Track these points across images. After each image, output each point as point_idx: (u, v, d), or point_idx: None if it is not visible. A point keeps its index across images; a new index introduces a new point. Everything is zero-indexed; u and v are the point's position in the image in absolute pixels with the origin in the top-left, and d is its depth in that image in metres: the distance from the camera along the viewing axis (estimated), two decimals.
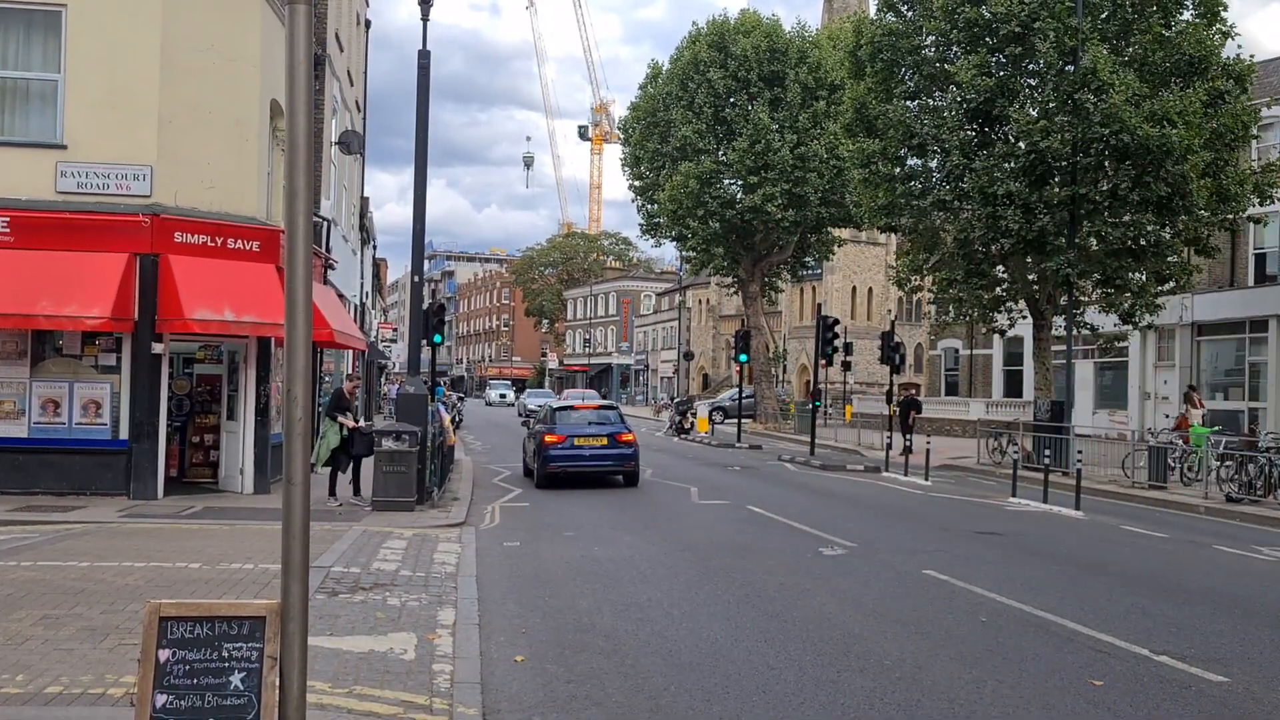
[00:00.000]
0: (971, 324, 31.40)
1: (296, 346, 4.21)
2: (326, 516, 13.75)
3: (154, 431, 14.83)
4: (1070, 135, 21.98)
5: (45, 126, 14.88)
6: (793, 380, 69.62)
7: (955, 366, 46.54)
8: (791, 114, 38.94)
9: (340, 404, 15.86)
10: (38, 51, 14.96)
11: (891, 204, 26.27)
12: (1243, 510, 16.81)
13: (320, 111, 20.76)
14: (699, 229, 39.83)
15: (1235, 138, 23.09)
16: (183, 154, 14.85)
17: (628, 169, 44.76)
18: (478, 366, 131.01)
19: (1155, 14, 23.24)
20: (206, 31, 15.14)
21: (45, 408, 14.77)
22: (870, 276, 71.25)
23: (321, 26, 20.99)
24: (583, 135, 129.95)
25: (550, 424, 20.36)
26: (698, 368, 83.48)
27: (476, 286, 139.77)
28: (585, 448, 19.68)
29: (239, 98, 15.40)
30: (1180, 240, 23.79)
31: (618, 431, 20.08)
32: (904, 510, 17.04)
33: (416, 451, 15.04)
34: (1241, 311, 30.15)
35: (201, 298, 14.45)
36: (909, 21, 25.82)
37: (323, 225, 20.95)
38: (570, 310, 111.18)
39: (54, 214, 14.44)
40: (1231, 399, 30.93)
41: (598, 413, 21.50)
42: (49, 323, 14.20)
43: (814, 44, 40.65)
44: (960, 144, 23.83)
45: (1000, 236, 23.47)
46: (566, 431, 19.90)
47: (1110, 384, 36.03)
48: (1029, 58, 23.71)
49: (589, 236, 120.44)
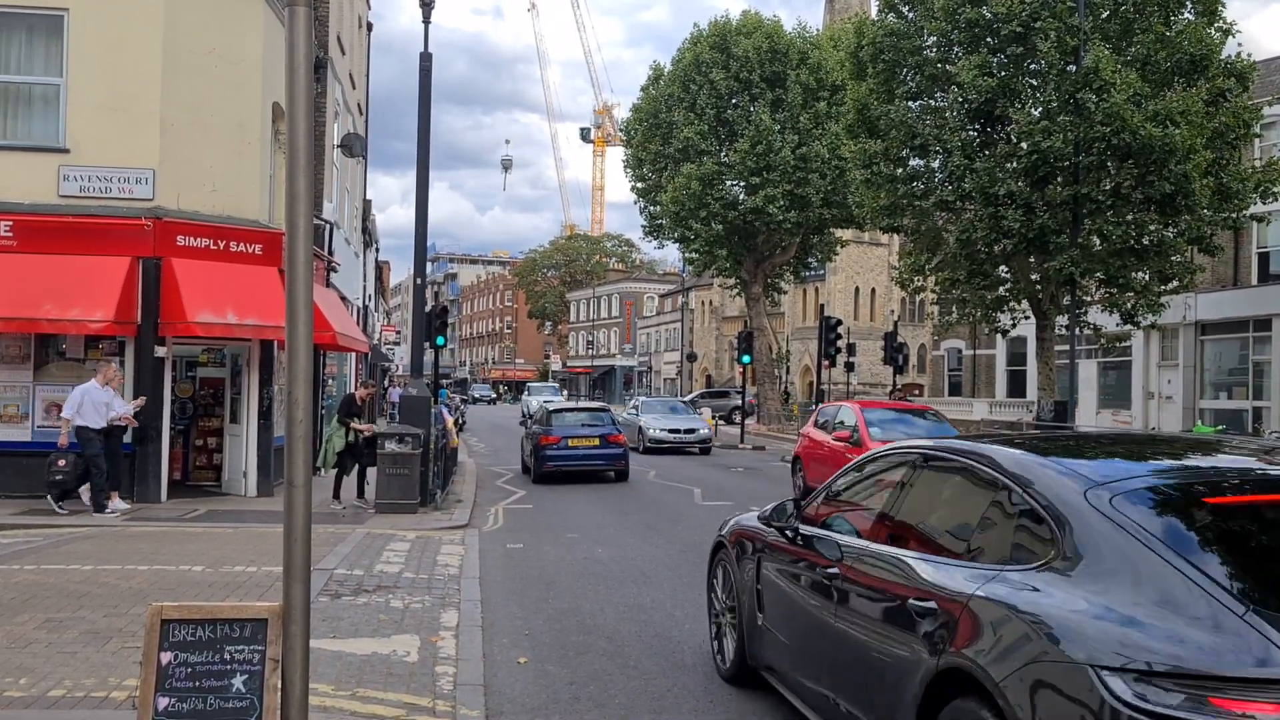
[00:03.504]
0: (974, 324, 31.32)
1: (298, 349, 4.22)
2: (330, 519, 13.76)
3: (157, 434, 14.84)
4: (1072, 135, 21.95)
5: (48, 130, 14.88)
6: (796, 381, 69.61)
7: (958, 367, 46.51)
8: (793, 115, 38.94)
9: (350, 409, 15.87)
10: (40, 55, 14.97)
11: (894, 204, 26.26)
12: None
13: (322, 114, 20.78)
14: (702, 230, 39.83)
15: (1237, 136, 23.06)
16: (185, 157, 14.86)
17: (630, 171, 44.77)
18: (481, 369, 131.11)
19: (1156, 13, 23.20)
20: (208, 34, 15.16)
21: (49, 411, 14.78)
22: (873, 277, 71.24)
23: (323, 30, 21.02)
24: (584, 137, 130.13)
25: (546, 425, 21.40)
26: (701, 369, 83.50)
27: (479, 289, 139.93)
28: (579, 448, 20.79)
29: (241, 100, 15.42)
30: (1183, 239, 23.74)
31: (609, 433, 21.24)
32: None
33: (419, 454, 15.05)
34: (1245, 310, 30.10)
35: (204, 301, 14.46)
36: (910, 22, 25.81)
37: (325, 228, 20.96)
38: (573, 312, 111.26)
39: (57, 217, 14.45)
40: (1235, 398, 30.89)
41: (591, 414, 22.28)
42: (52, 326, 14.22)
43: (815, 45, 40.65)
44: (962, 144, 23.81)
45: (1003, 236, 23.44)
46: (561, 433, 20.95)
47: (1114, 384, 35.98)
48: (1030, 58, 23.68)
49: (592, 238, 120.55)
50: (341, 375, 26.98)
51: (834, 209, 39.59)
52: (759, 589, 6.13)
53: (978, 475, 4.45)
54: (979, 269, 25.43)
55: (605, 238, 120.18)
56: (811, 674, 5.31)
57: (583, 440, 20.89)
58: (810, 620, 5.27)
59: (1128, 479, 3.89)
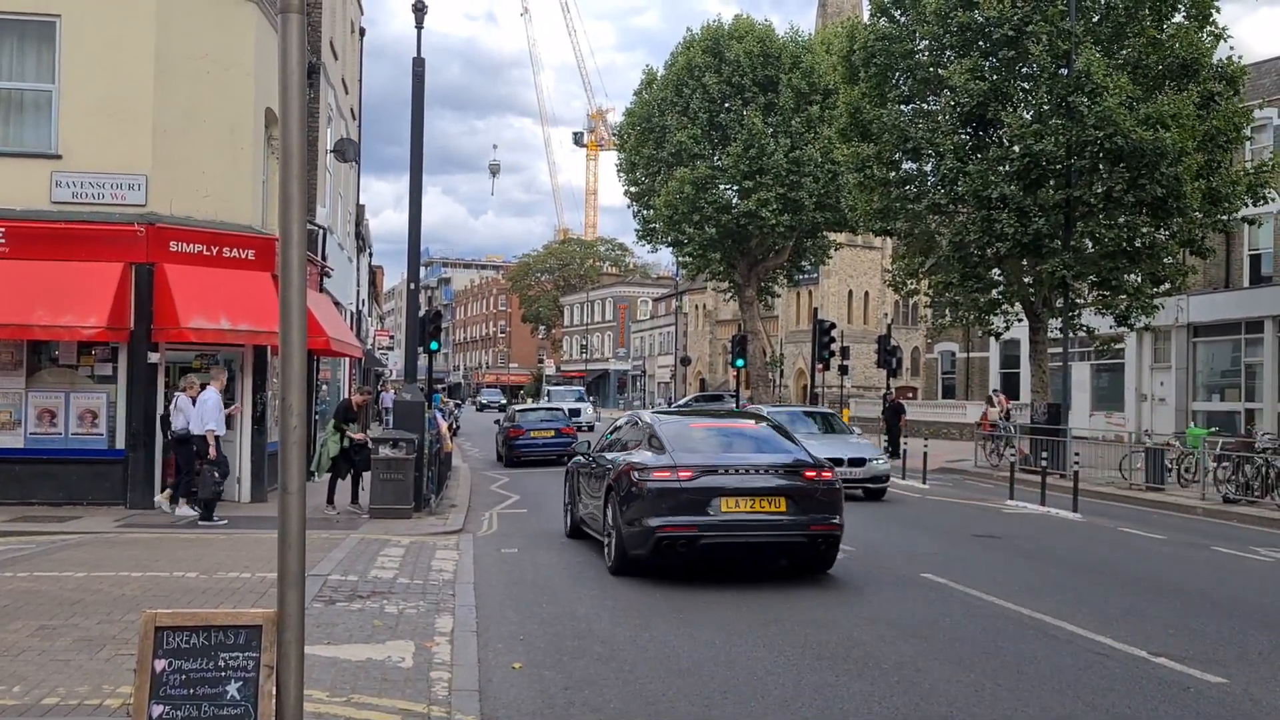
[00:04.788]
0: (968, 327, 31.44)
1: (291, 355, 4.22)
2: (324, 524, 13.74)
3: (150, 441, 14.81)
4: (1064, 138, 22.02)
5: (40, 136, 14.85)
6: (790, 385, 69.64)
7: (952, 370, 46.60)
8: (785, 118, 39.02)
9: (347, 415, 15.85)
10: (31, 61, 14.93)
11: (886, 208, 26.31)
12: (1240, 511, 16.82)
13: (315, 119, 20.76)
14: (695, 234, 39.90)
15: (1228, 139, 23.18)
16: (178, 162, 14.83)
17: (624, 175, 44.83)
18: (475, 373, 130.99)
19: (1148, 17, 23.30)
20: (201, 39, 15.13)
21: (41, 418, 14.75)
22: (866, 280, 71.32)
23: (316, 35, 21.01)
24: (577, 141, 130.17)
25: (513, 422, 27.76)
26: (695, 373, 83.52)
27: (473, 293, 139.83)
28: (539, 439, 26.59)
29: (234, 106, 15.41)
30: (1175, 242, 23.83)
31: (562, 426, 27.40)
32: (901, 514, 17.04)
33: (414, 459, 15.02)
34: (1237, 312, 30.22)
35: (197, 306, 14.45)
36: (902, 26, 25.88)
37: (318, 233, 20.93)
38: (567, 316, 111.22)
39: (49, 224, 14.42)
40: (1228, 400, 31.01)
41: (548, 413, 29.20)
42: (45, 333, 14.19)
43: (807, 49, 40.75)
44: (954, 148, 23.88)
45: (995, 240, 23.50)
46: (526, 426, 27.19)
47: (1107, 386, 36.08)
48: (1022, 61, 23.75)
49: (585, 242, 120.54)
50: (335, 380, 26.95)
51: (827, 212, 39.67)
52: (576, 485, 13.27)
53: (636, 421, 12.36)
54: (972, 272, 25.49)
55: (599, 241, 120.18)
56: (588, 514, 12.43)
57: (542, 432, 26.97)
58: (585, 488, 12.62)
59: (668, 416, 12.67)
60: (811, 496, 10.23)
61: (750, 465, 10.41)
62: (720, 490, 10.05)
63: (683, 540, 10.02)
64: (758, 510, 10.08)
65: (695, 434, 11.33)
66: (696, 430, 11.51)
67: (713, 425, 12.09)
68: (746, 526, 10.09)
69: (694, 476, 10.05)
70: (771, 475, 10.29)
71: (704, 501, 9.98)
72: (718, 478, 10.15)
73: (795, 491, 10.18)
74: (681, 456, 10.30)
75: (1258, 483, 17.47)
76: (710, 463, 10.34)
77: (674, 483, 10.05)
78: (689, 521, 9.96)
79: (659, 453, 10.58)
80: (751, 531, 10.15)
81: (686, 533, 9.98)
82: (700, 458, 10.40)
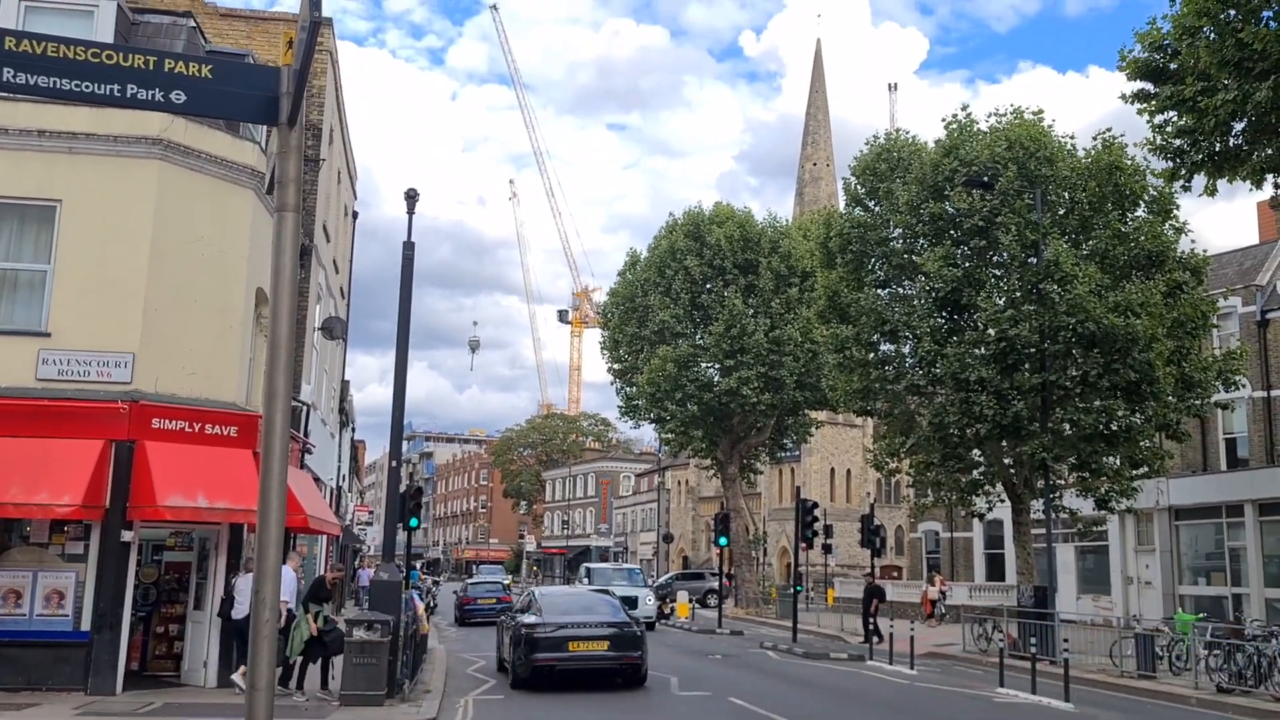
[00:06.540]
0: (950, 507, 31.31)
1: (268, 547, 4.19)
2: (291, 713, 13.21)
3: (117, 622, 14.37)
4: (1038, 323, 22.59)
5: (31, 314, 14.86)
6: (774, 563, 68.73)
7: (936, 549, 46.14)
8: (765, 299, 39.95)
9: (319, 593, 15.50)
10: (29, 244, 15.07)
11: (866, 388, 26.65)
12: (1235, 702, 16.43)
13: (304, 298, 21.15)
14: (677, 411, 40.17)
15: (1196, 326, 23.82)
16: (166, 340, 14.92)
17: (607, 352, 45.45)
18: (454, 549, 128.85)
19: (1112, 211, 24.30)
20: (197, 223, 15.44)
21: (6, 598, 14.33)
22: (848, 458, 71.50)
23: (309, 219, 21.63)
24: (562, 319, 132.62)
25: (465, 592, 37.92)
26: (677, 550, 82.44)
27: (455, 468, 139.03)
28: (484, 604, 35.08)
29: (225, 286, 15.64)
30: (1151, 425, 24.12)
31: (501, 595, 36.11)
32: (890, 702, 16.55)
33: (388, 642, 14.60)
34: (1216, 496, 30.26)
35: (175, 484, 14.27)
36: (876, 215, 26.85)
37: (302, 410, 20.99)
38: (549, 491, 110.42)
39: (31, 401, 14.31)
40: (1214, 584, 30.67)
41: (490, 585, 38.77)
42: (18, 510, 13.94)
43: (785, 234, 42.12)
44: (931, 331, 24.39)
45: (975, 421, 23.75)
46: (474, 595, 36.64)
47: (1093, 568, 35.74)
48: (993, 250, 24.60)
49: (568, 417, 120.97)
50: (311, 555, 26.45)
51: (807, 391, 40.14)
52: (503, 637, 18.91)
53: (530, 594, 20.03)
54: (952, 452, 25.63)
55: (582, 417, 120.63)
56: (507, 655, 18.10)
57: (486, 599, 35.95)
58: (504, 637, 18.89)
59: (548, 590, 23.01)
60: (624, 639, 17.03)
61: (589, 622, 17.26)
62: (572, 637, 16.88)
63: (548, 668, 16.77)
64: (592, 649, 16.90)
65: (560, 602, 18.54)
66: (561, 600, 19.05)
67: (571, 595, 21.00)
68: (586, 658, 16.86)
69: (556, 629, 16.90)
70: (602, 628, 17.14)
71: (562, 642, 16.81)
72: (569, 630, 16.94)
73: (614, 637, 17.02)
74: (549, 616, 17.28)
75: (1250, 671, 17.14)
76: (566, 620, 17.19)
77: (544, 632, 16.88)
78: (553, 656, 16.73)
79: (538, 614, 17.43)
80: (588, 661, 16.90)
81: (550, 663, 16.75)
82: (560, 617, 17.29)
